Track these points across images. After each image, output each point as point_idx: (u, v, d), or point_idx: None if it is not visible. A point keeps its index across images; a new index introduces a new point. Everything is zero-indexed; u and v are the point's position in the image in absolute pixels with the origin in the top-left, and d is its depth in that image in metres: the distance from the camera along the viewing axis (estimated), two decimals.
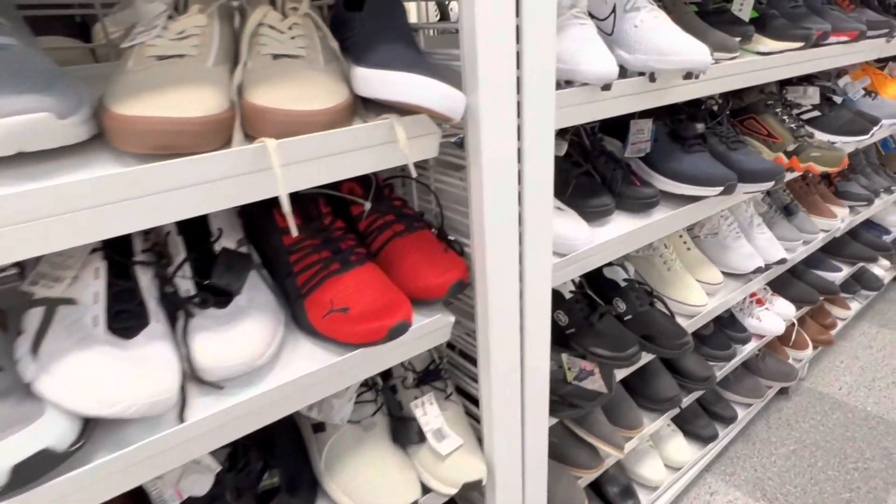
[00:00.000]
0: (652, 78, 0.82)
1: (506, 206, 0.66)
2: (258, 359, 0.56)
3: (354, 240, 0.69)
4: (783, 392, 1.85)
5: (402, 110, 0.56)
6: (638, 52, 0.82)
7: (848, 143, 1.41)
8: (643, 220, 0.97)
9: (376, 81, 0.54)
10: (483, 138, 0.60)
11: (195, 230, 0.63)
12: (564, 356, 0.90)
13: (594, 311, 1.03)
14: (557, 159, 0.99)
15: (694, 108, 1.12)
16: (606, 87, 0.75)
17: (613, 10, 0.85)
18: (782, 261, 1.36)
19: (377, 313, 0.61)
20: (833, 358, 2.06)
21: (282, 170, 0.48)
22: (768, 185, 1.04)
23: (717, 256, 1.32)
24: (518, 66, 0.62)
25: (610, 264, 1.13)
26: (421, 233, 0.73)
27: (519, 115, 0.64)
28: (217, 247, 0.63)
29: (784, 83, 1.46)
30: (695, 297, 1.19)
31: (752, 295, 1.54)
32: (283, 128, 0.50)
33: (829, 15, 1.28)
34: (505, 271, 0.69)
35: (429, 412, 0.77)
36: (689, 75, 0.83)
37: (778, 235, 1.45)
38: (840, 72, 1.63)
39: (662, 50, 0.79)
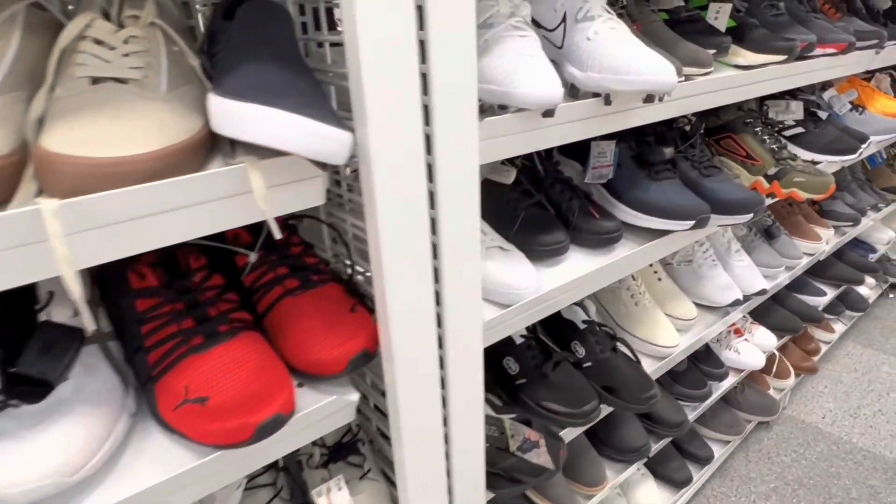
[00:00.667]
0: (607, 100, 0.70)
1: (415, 262, 0.53)
2: (74, 474, 0.43)
3: (233, 302, 0.56)
4: (763, 422, 1.74)
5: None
6: (591, 70, 0.69)
7: (834, 163, 1.30)
8: (603, 258, 0.85)
9: (222, 115, 0.41)
10: (377, 182, 0.48)
11: (16, 295, 0.50)
12: (507, 421, 0.78)
13: (548, 358, 0.91)
14: (504, 189, 0.87)
15: (663, 128, 1.00)
16: (548, 114, 0.62)
17: (563, 20, 0.72)
18: (762, 292, 1.25)
19: (243, 405, 0.47)
20: (816, 382, 1.96)
21: (67, 240, 0.35)
22: (746, 217, 0.92)
23: (692, 287, 1.21)
24: (425, 92, 0.49)
25: None
26: (322, 288, 0.60)
27: (429, 151, 0.51)
28: (43, 316, 0.49)
29: (764, 98, 1.35)
30: (665, 336, 1.07)
31: (730, 325, 1.43)
32: (81, 181, 0.36)
33: (813, 24, 1.16)
34: (418, 339, 0.57)
35: (336, 500, 0.64)
36: (650, 98, 0.71)
37: (758, 262, 1.34)
38: (825, 84, 1.53)
39: (619, 68, 0.67)
